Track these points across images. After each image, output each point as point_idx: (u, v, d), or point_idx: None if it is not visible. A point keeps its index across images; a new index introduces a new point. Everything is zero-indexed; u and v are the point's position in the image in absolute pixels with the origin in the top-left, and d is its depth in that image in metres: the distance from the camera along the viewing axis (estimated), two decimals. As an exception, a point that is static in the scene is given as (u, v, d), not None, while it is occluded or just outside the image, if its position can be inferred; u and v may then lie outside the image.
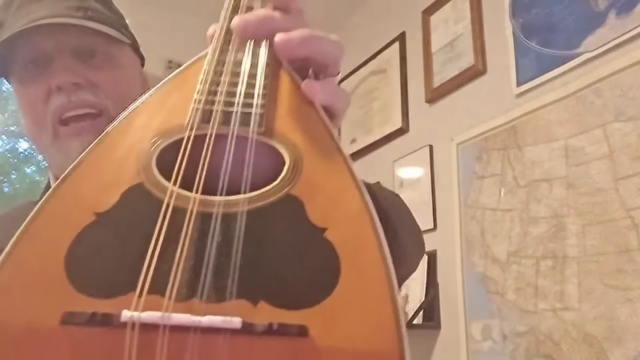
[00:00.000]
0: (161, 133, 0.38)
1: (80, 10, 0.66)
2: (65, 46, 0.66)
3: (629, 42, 1.28)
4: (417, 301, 1.77)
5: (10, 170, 2.33)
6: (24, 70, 0.67)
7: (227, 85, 0.41)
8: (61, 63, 0.65)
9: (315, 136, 0.39)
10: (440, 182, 1.84)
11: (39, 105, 0.65)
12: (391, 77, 2.19)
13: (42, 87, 0.65)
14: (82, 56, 0.67)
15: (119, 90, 0.68)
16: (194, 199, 0.33)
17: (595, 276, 1.27)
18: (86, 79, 0.66)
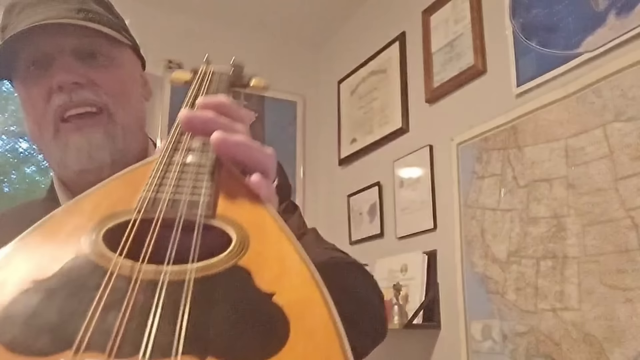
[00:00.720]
0: (108, 216, 0.39)
1: (81, 12, 0.68)
2: (65, 47, 0.67)
3: (629, 42, 1.28)
4: (417, 301, 1.77)
5: (10, 170, 2.33)
6: (25, 72, 0.68)
7: (176, 179, 0.43)
8: (62, 63, 0.66)
9: (259, 219, 0.41)
10: (440, 182, 1.84)
11: (40, 105, 0.66)
12: (391, 77, 2.19)
13: (43, 87, 0.66)
14: (83, 57, 0.68)
15: (119, 89, 0.69)
16: (140, 268, 0.33)
17: (595, 276, 1.27)
18: (87, 78, 0.66)
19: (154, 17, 2.46)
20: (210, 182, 0.43)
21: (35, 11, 0.67)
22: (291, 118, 2.68)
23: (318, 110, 2.74)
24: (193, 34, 2.54)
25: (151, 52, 2.78)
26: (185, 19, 2.52)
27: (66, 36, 0.66)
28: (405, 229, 1.97)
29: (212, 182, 0.43)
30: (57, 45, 0.67)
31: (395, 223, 2.02)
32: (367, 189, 2.23)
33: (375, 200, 2.16)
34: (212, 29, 2.58)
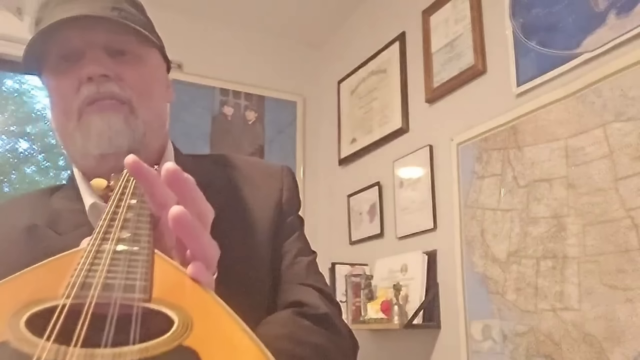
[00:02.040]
0: (31, 302, 0.36)
1: (114, 10, 0.70)
2: (97, 42, 0.69)
3: (629, 42, 1.28)
4: (417, 301, 1.77)
5: (10, 170, 2.33)
6: (56, 64, 0.70)
7: (107, 264, 0.40)
8: (92, 56, 0.68)
9: (201, 301, 0.40)
10: (440, 182, 1.84)
11: (69, 96, 0.69)
12: (391, 77, 2.19)
13: (73, 79, 0.68)
14: (112, 52, 0.70)
15: (144, 86, 0.72)
16: (72, 352, 0.30)
17: (595, 276, 1.27)
18: (114, 72, 0.69)
19: (154, 17, 2.45)
20: (145, 268, 0.40)
21: (70, 7, 0.68)
22: (291, 118, 2.68)
23: (318, 110, 2.74)
24: (193, 34, 2.54)
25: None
26: (186, 19, 2.52)
27: (98, 32, 0.69)
28: (405, 229, 1.97)
29: (148, 268, 0.41)
30: (89, 40, 0.69)
31: (395, 223, 2.02)
32: (367, 189, 2.23)
33: (375, 200, 2.16)
34: (212, 29, 2.58)
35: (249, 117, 2.54)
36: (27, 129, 2.37)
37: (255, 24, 2.62)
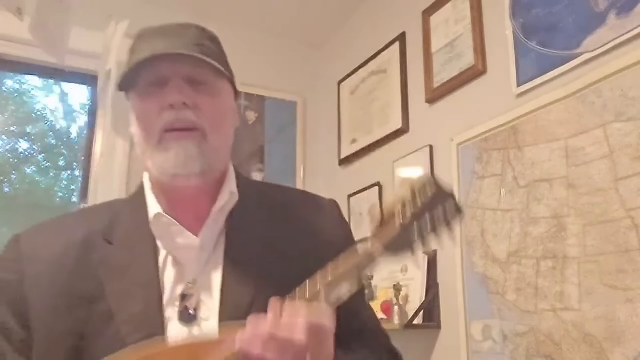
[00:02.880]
0: None
1: (197, 46, 0.82)
2: (180, 73, 0.81)
3: (629, 42, 1.28)
4: (417, 301, 1.77)
5: (10, 170, 2.33)
6: (144, 88, 0.82)
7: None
8: (175, 85, 0.80)
9: None
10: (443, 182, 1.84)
11: (152, 117, 0.80)
12: (391, 77, 2.19)
13: (156, 103, 0.80)
14: (192, 83, 0.81)
15: (217, 115, 0.83)
16: None
17: (595, 276, 1.27)
18: (193, 100, 0.80)
19: (154, 17, 2.45)
20: None
21: (161, 41, 0.81)
22: (291, 118, 2.68)
23: (318, 110, 2.74)
24: (193, 34, 2.54)
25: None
26: (185, 19, 2.52)
27: (182, 64, 0.80)
28: (405, 229, 1.96)
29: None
30: (174, 71, 0.80)
31: (395, 223, 2.02)
32: (367, 189, 2.23)
33: (375, 200, 2.16)
34: (212, 29, 2.57)
35: (249, 117, 2.54)
36: (27, 129, 2.37)
37: (255, 23, 2.62)
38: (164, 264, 0.82)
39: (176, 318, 0.78)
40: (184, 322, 0.78)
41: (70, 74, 2.31)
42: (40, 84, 2.43)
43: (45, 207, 2.39)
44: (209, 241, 0.84)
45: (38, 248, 0.82)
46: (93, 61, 2.28)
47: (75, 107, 2.52)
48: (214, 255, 0.84)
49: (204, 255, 0.83)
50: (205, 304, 0.80)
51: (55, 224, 0.89)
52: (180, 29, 0.85)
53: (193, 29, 0.86)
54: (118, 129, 2.29)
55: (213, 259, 0.83)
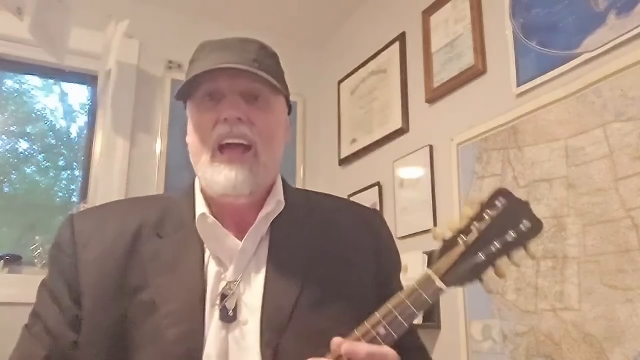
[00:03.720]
0: None
1: (255, 62, 0.84)
2: (236, 88, 0.83)
3: (629, 42, 1.28)
4: (417, 301, 1.76)
5: (10, 170, 2.33)
6: (201, 100, 0.85)
7: None
8: (231, 100, 0.83)
9: None
10: (440, 182, 1.84)
11: (207, 129, 0.83)
12: (391, 77, 2.19)
13: (212, 116, 0.83)
14: (248, 98, 0.84)
15: (269, 130, 0.86)
16: None
17: (595, 276, 1.27)
18: (247, 115, 0.83)
19: (154, 17, 2.46)
20: None
21: (221, 54, 0.84)
22: (291, 118, 2.67)
23: (318, 110, 2.74)
24: (193, 34, 2.54)
25: (151, 52, 2.79)
26: (185, 19, 2.52)
27: (240, 79, 0.83)
28: (405, 229, 1.97)
29: None
30: (231, 85, 0.83)
31: (395, 223, 2.02)
32: (367, 189, 2.23)
33: (375, 200, 2.16)
34: (212, 29, 2.58)
35: (249, 117, 2.54)
36: (27, 129, 2.37)
37: (255, 24, 2.62)
38: (208, 263, 0.85)
39: (216, 317, 0.80)
40: (225, 322, 0.81)
41: (70, 74, 2.31)
42: (40, 84, 2.43)
43: (45, 207, 2.39)
44: (251, 245, 0.87)
45: (91, 234, 0.85)
46: (93, 61, 2.28)
47: (75, 107, 2.52)
48: (255, 259, 0.87)
49: (246, 258, 0.86)
50: (246, 304, 0.83)
51: (108, 211, 0.91)
52: (241, 44, 0.86)
53: (254, 44, 0.88)
54: (118, 129, 2.29)
55: (254, 262, 0.86)
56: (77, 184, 2.38)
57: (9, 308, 1.81)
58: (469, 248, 0.64)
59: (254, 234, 0.87)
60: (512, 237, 0.64)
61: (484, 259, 0.64)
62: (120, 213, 0.89)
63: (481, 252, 0.64)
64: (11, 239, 2.27)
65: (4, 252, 2.09)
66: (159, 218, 0.87)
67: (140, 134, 2.33)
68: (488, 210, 0.65)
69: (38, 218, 2.34)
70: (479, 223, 0.64)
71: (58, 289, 0.83)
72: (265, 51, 0.89)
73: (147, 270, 0.82)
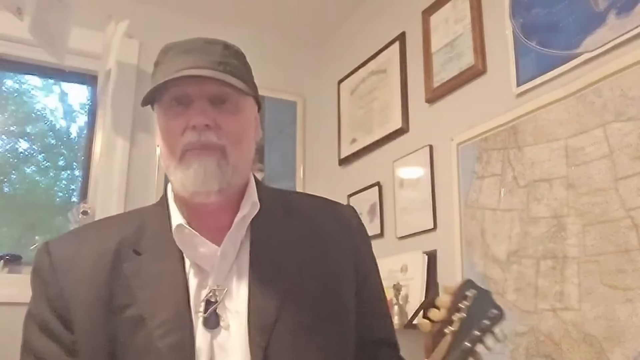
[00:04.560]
0: None
1: (221, 64, 0.84)
2: (204, 92, 0.84)
3: (629, 42, 1.28)
4: (417, 301, 1.77)
5: (10, 170, 2.33)
6: (168, 105, 0.85)
7: None
8: (199, 106, 0.83)
9: None
10: (440, 182, 1.84)
11: (176, 136, 0.84)
12: (391, 77, 2.19)
13: (181, 123, 0.84)
14: (216, 102, 0.85)
15: (238, 133, 0.86)
16: None
17: (595, 276, 1.27)
18: (215, 121, 0.83)
19: (154, 17, 2.46)
20: None
21: (186, 59, 0.83)
22: (291, 118, 2.68)
23: (318, 110, 2.74)
24: (193, 34, 2.53)
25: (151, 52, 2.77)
26: (185, 19, 2.52)
27: (207, 84, 0.83)
28: (405, 229, 1.97)
29: None
30: (199, 90, 0.83)
31: (395, 223, 2.02)
32: (367, 189, 2.23)
33: (375, 200, 2.16)
34: (212, 28, 2.57)
35: (249, 117, 2.54)
36: (27, 129, 2.37)
37: (255, 23, 2.62)
38: (189, 272, 0.86)
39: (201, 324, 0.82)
40: (208, 328, 0.82)
41: (70, 74, 2.31)
42: (40, 84, 2.43)
43: (45, 207, 2.39)
44: (231, 250, 0.88)
45: (70, 259, 0.86)
46: (93, 61, 2.28)
47: (75, 107, 2.52)
48: (237, 263, 0.88)
49: (227, 263, 0.87)
50: (229, 310, 0.84)
51: (83, 235, 0.92)
52: (206, 46, 0.86)
53: (218, 45, 0.88)
54: (118, 129, 2.29)
55: (236, 267, 0.87)
56: (77, 184, 2.38)
57: (9, 308, 1.81)
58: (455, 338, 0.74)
59: (232, 237, 0.87)
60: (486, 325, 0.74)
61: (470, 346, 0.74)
62: (95, 236, 0.90)
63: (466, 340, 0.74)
64: (11, 239, 2.27)
65: (4, 252, 2.08)
66: (135, 235, 0.88)
67: (140, 134, 2.33)
68: (464, 301, 0.75)
69: (38, 218, 2.34)
70: (459, 313, 0.75)
71: (49, 319, 0.83)
72: (229, 51, 0.88)
73: (131, 288, 0.83)
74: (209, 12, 2.53)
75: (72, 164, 2.46)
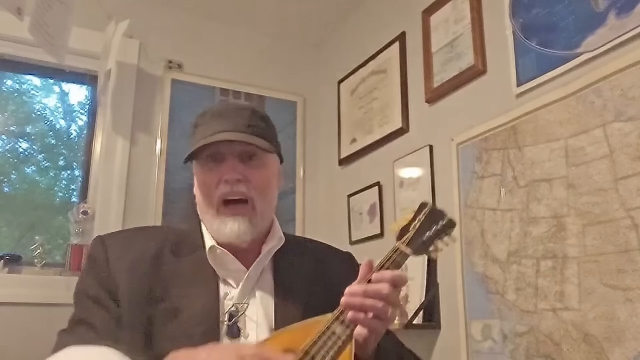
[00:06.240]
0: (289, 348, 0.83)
1: (249, 127, 1.01)
2: (234, 150, 1.00)
3: (629, 42, 1.28)
4: (417, 301, 1.77)
5: (10, 170, 2.33)
6: (205, 161, 1.02)
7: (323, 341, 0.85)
8: (230, 163, 1.00)
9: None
10: (440, 182, 1.84)
11: (211, 187, 1.01)
12: (391, 77, 2.19)
13: (215, 176, 1.00)
14: (244, 158, 1.01)
15: (263, 184, 1.03)
16: None
17: (595, 276, 1.27)
18: (244, 175, 1.00)
19: (154, 17, 2.46)
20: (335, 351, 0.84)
21: (219, 122, 1.01)
22: (291, 118, 2.68)
23: (318, 110, 2.74)
24: (193, 34, 2.54)
25: (151, 52, 2.78)
26: (185, 19, 2.52)
27: (237, 144, 0.99)
28: (405, 229, 1.96)
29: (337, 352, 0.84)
30: (230, 149, 1.00)
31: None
32: (367, 189, 2.23)
33: (375, 200, 2.16)
34: (212, 28, 2.58)
35: (249, 117, 2.53)
36: (27, 129, 2.37)
37: (255, 23, 2.62)
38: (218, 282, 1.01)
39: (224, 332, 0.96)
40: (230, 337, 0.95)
41: (70, 74, 2.31)
42: (40, 84, 2.43)
43: (45, 207, 2.39)
44: (255, 273, 1.04)
45: (120, 250, 1.00)
46: (93, 61, 2.28)
47: (75, 107, 2.52)
48: (259, 284, 1.04)
49: (250, 284, 1.02)
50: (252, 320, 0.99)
51: (130, 235, 1.08)
52: (237, 111, 1.03)
53: (247, 110, 1.04)
54: (118, 129, 2.29)
55: (258, 286, 1.03)
56: (77, 184, 2.38)
57: (9, 308, 1.81)
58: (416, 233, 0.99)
59: (258, 264, 1.04)
60: (436, 230, 1.02)
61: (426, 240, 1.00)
62: (142, 236, 1.06)
63: (423, 236, 1.00)
64: (11, 239, 2.27)
65: (4, 252, 2.08)
66: (175, 242, 1.03)
67: (140, 134, 2.33)
68: (418, 216, 1.02)
69: (38, 218, 2.34)
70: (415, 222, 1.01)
71: (101, 295, 0.96)
72: (256, 115, 1.04)
73: (168, 284, 0.97)
74: (209, 12, 2.53)
75: (72, 164, 2.46)
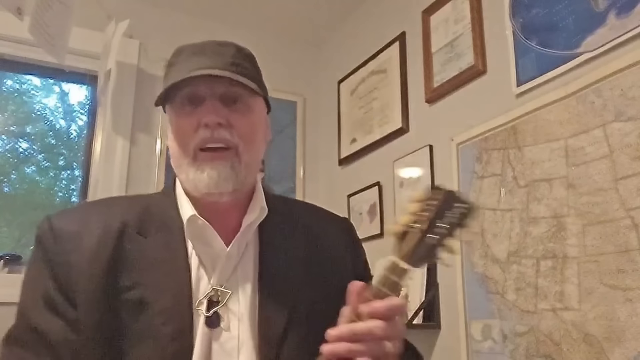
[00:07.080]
0: None
1: (233, 65, 0.86)
2: (216, 92, 0.85)
3: (629, 42, 1.28)
4: (417, 301, 1.77)
5: (10, 170, 2.33)
6: (180, 105, 0.86)
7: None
8: (211, 105, 0.84)
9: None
10: (440, 182, 1.84)
11: (188, 134, 0.85)
12: (391, 77, 2.19)
13: (193, 121, 0.84)
14: (227, 101, 0.86)
15: (250, 133, 0.87)
16: None
17: (595, 276, 1.27)
18: (227, 120, 0.85)
19: (154, 17, 2.46)
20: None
21: (199, 59, 0.85)
22: (291, 118, 2.68)
23: (318, 110, 2.74)
24: (193, 34, 2.53)
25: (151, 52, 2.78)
26: (185, 19, 2.52)
27: (219, 84, 0.84)
28: (405, 229, 1.96)
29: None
30: (210, 90, 0.85)
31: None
32: (367, 189, 2.23)
33: (375, 200, 2.16)
34: (212, 28, 2.58)
35: (249, 117, 2.53)
36: (27, 129, 2.37)
37: (254, 23, 2.62)
38: (192, 265, 0.86)
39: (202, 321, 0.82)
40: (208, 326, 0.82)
41: (70, 74, 2.31)
42: (40, 84, 2.43)
43: (45, 207, 2.39)
44: (237, 251, 0.89)
45: (73, 236, 0.84)
46: (93, 61, 2.28)
47: (75, 107, 2.52)
48: (241, 266, 0.88)
49: (231, 264, 0.88)
50: (232, 312, 0.85)
51: (87, 212, 0.90)
52: (218, 48, 0.88)
53: (230, 47, 0.89)
54: (118, 129, 2.29)
55: (241, 269, 0.88)
56: (77, 184, 2.38)
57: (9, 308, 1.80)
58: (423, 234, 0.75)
59: (240, 240, 0.88)
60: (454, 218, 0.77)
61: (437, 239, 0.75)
62: (99, 213, 0.88)
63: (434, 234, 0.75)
64: (11, 239, 2.27)
65: (4, 252, 2.08)
66: (140, 218, 0.87)
67: (140, 134, 2.33)
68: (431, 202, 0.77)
69: (38, 218, 2.33)
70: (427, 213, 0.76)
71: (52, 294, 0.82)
72: (241, 53, 0.90)
73: (134, 270, 0.82)
74: (209, 12, 2.53)
75: (72, 164, 2.46)
